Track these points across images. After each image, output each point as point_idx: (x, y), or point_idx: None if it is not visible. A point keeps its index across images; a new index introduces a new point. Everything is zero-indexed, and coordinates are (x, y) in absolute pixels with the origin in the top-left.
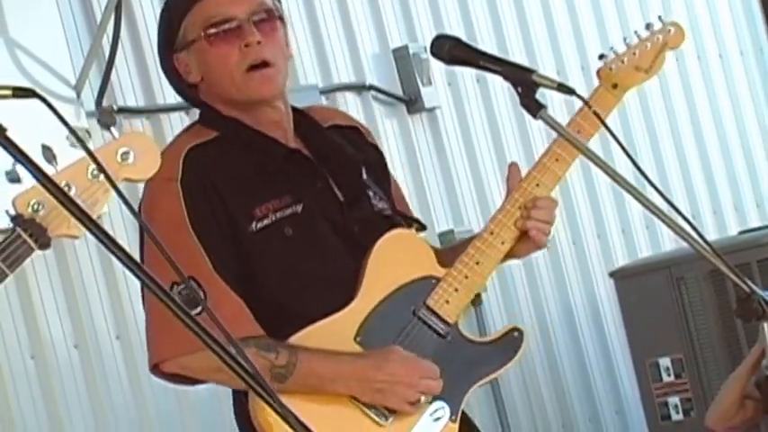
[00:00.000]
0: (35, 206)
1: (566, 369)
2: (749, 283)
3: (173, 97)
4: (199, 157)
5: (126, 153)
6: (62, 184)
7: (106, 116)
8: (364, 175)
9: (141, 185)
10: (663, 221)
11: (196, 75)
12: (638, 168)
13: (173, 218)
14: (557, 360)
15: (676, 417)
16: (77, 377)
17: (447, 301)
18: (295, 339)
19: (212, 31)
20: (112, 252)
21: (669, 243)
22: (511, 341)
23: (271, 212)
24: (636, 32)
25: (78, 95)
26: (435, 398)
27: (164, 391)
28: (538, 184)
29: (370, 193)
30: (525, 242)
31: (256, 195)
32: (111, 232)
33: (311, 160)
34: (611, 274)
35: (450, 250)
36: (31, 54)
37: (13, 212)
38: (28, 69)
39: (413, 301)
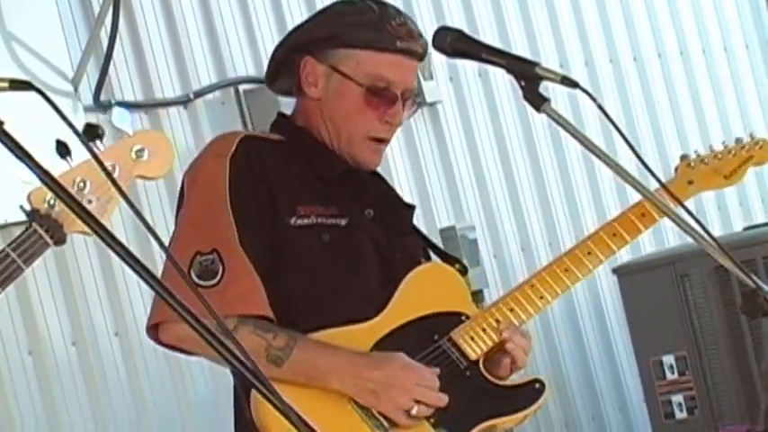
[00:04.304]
0: (51, 201)
1: (568, 367)
2: (755, 278)
3: (171, 91)
4: (255, 145)
5: (140, 150)
6: (77, 180)
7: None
8: (410, 216)
9: (145, 185)
10: (668, 216)
11: (316, 92)
12: (642, 162)
13: (213, 188)
14: (559, 358)
15: (680, 415)
16: (75, 374)
17: (472, 338)
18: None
19: (376, 91)
20: (113, 248)
21: (673, 239)
22: (530, 391)
23: (313, 215)
24: (723, 142)
25: (76, 89)
26: (441, 425)
27: (162, 387)
28: (590, 253)
29: (413, 234)
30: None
31: (303, 196)
32: (109, 228)
33: (366, 187)
34: (615, 271)
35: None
36: (28, 47)
37: (28, 207)
38: (25, 63)
39: (438, 330)
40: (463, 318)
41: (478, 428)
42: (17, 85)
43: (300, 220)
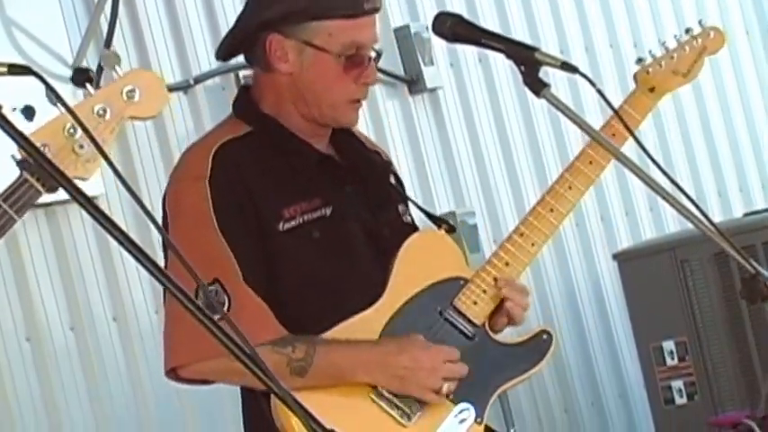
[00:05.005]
0: (41, 149)
1: (568, 352)
2: (754, 264)
3: (171, 77)
4: (229, 154)
5: (132, 91)
6: (67, 126)
7: (110, 58)
8: (392, 182)
9: (144, 171)
10: (668, 202)
11: (287, 67)
12: (643, 149)
13: (199, 217)
14: (559, 343)
15: (680, 400)
16: (73, 360)
17: (475, 302)
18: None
19: (352, 58)
20: (105, 227)
21: (673, 225)
22: (539, 344)
23: (299, 214)
24: (675, 36)
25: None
26: (461, 399)
27: (160, 373)
28: (570, 187)
29: (397, 201)
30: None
31: (285, 196)
32: (108, 213)
33: (342, 166)
34: (615, 257)
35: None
36: (28, 33)
37: (18, 156)
38: (25, 48)
39: (440, 301)
40: (461, 282)
41: (498, 392)
42: (16, 69)
43: (288, 224)
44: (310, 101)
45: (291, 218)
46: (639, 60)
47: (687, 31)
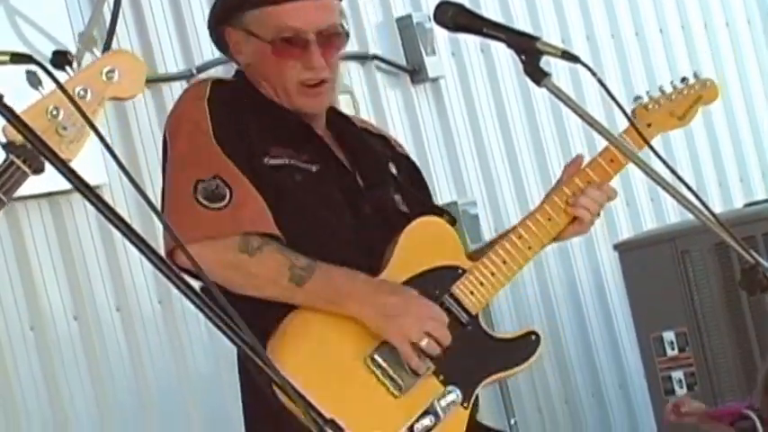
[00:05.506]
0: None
1: (569, 342)
2: (754, 254)
3: (174, 66)
4: (226, 88)
5: (111, 71)
6: (50, 108)
7: (88, 41)
8: (392, 172)
9: (147, 161)
10: (668, 192)
11: (244, 58)
12: (644, 139)
13: (198, 129)
14: (560, 333)
15: (680, 391)
16: (77, 349)
17: (472, 293)
18: None
19: (282, 43)
20: (107, 217)
21: (674, 216)
22: (528, 343)
23: (286, 156)
24: (672, 83)
25: (79, 64)
26: (448, 382)
27: (163, 361)
28: (567, 201)
29: (393, 189)
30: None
31: (275, 137)
32: (111, 203)
33: (331, 150)
34: (616, 247)
35: (478, 251)
36: (31, 22)
37: (4, 140)
38: (28, 37)
39: (438, 286)
40: (460, 271)
41: (484, 383)
42: (18, 58)
43: (274, 160)
44: (269, 89)
45: (278, 156)
46: (637, 98)
47: (683, 80)
